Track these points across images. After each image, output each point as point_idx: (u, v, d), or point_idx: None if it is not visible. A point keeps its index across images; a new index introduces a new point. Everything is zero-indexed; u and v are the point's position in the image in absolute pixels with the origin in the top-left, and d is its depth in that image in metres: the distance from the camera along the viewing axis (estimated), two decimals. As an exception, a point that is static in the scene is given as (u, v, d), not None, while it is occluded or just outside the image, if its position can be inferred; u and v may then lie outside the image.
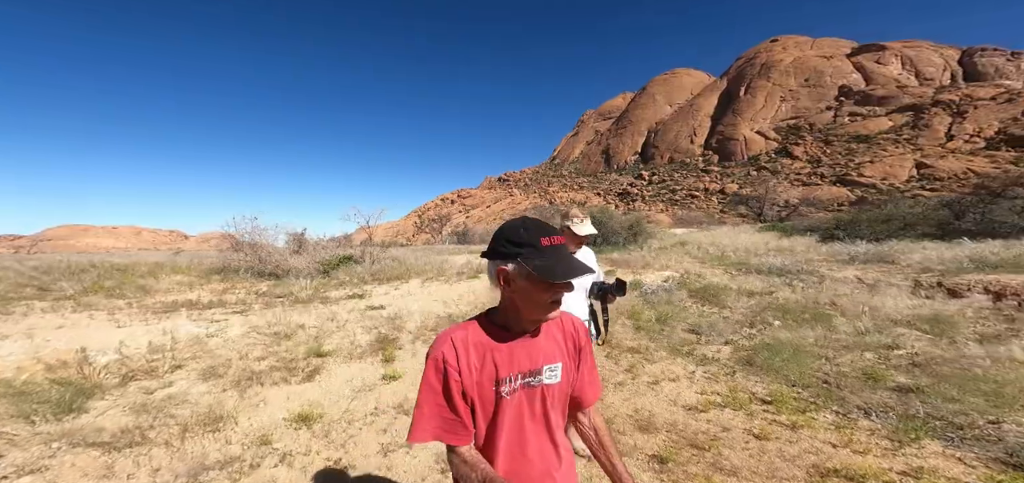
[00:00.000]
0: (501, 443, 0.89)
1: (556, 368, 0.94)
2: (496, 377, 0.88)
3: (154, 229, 53.27)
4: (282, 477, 2.28)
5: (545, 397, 0.93)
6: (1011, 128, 46.88)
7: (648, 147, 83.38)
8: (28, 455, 2.42)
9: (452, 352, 0.87)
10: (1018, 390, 2.78)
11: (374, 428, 2.76)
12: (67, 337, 4.03)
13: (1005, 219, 10.02)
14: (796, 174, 54.87)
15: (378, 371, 3.61)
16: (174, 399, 3.10)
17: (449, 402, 0.86)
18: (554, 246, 0.85)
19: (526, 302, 0.87)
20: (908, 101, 56.91)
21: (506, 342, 0.90)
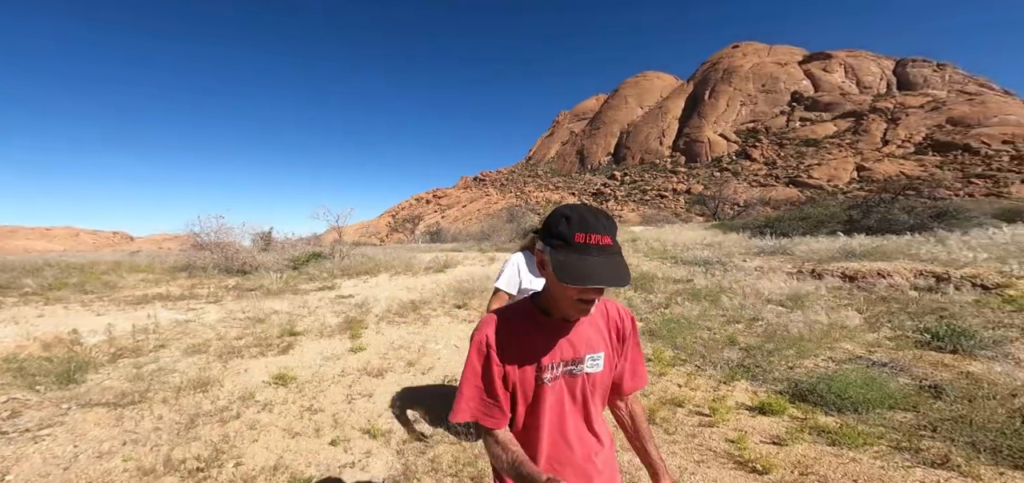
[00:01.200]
0: (543, 429, 0.89)
1: (598, 357, 0.93)
2: (537, 363, 0.88)
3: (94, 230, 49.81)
4: (264, 420, 2.90)
5: (586, 385, 0.92)
6: (936, 134, 51.97)
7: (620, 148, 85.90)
8: (43, 414, 2.91)
9: (495, 336, 0.88)
10: (814, 345, 3.81)
11: (341, 385, 3.41)
12: (51, 323, 4.40)
13: (897, 218, 11.72)
14: (754, 175, 58.33)
15: (346, 345, 4.24)
16: (164, 370, 3.62)
17: (489, 385, 0.87)
18: (588, 244, 0.79)
19: (556, 293, 0.86)
20: (850, 107, 61.80)
21: (548, 329, 0.90)
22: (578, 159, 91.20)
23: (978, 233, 9.29)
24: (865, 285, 5.77)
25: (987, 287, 5.07)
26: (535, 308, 0.92)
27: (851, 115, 60.78)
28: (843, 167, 52.84)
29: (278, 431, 2.73)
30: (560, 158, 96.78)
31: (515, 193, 76.12)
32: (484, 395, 0.87)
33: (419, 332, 4.68)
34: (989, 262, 5.84)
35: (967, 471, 2.07)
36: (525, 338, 0.89)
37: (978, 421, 2.46)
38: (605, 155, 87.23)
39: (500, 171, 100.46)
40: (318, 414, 2.97)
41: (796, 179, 53.16)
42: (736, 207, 39.46)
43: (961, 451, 2.23)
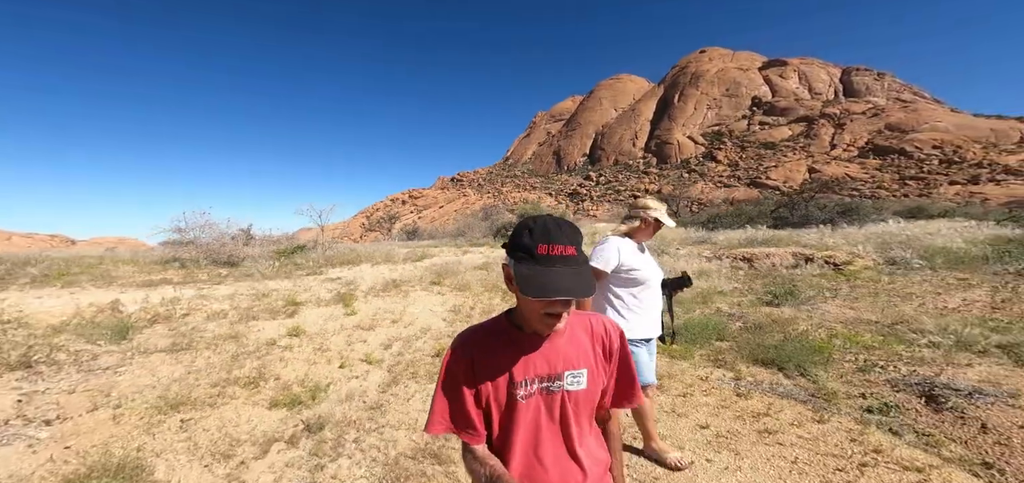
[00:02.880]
0: (516, 447, 0.87)
1: (580, 374, 0.90)
2: (510, 379, 0.86)
3: (28, 233, 46.99)
4: (287, 356, 3.98)
5: (565, 404, 0.89)
6: (876, 139, 56.83)
7: (596, 149, 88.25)
8: (114, 359, 3.87)
9: (468, 352, 0.87)
10: (698, 303, 5.24)
11: (341, 335, 4.52)
12: (87, 298, 5.24)
13: (813, 213, 13.75)
14: (719, 176, 61.71)
15: (341, 311, 5.33)
16: (197, 330, 4.60)
17: (461, 401, 0.86)
18: (551, 255, 0.78)
19: (523, 307, 0.85)
20: (803, 113, 66.43)
21: (522, 344, 0.88)
22: (555, 160, 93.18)
23: (870, 227, 11.26)
24: (755, 264, 7.35)
25: (836, 264, 6.71)
26: (509, 324, 0.91)
27: (804, 120, 65.37)
28: (797, 169, 56.69)
29: (300, 362, 3.83)
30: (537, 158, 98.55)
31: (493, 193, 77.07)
32: (458, 410, 0.86)
33: (400, 302, 5.82)
34: (848, 246, 7.55)
35: (732, 366, 3.46)
36: (498, 354, 0.87)
37: (761, 343, 3.88)
38: (581, 156, 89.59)
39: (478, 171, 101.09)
40: (327, 351, 4.09)
41: (756, 180, 56.58)
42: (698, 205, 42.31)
43: (739, 358, 3.63)
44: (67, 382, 3.32)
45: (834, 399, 2.85)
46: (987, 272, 5.66)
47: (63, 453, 2.43)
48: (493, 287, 6.80)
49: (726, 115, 75.58)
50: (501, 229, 16.12)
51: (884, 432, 2.43)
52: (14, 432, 2.64)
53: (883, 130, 59.79)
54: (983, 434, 2.31)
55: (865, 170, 53.10)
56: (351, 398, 3.10)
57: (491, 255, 10.84)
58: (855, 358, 3.42)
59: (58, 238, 56.19)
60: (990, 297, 4.74)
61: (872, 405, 2.72)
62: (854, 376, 3.16)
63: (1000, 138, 52.19)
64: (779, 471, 2.16)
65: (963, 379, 2.81)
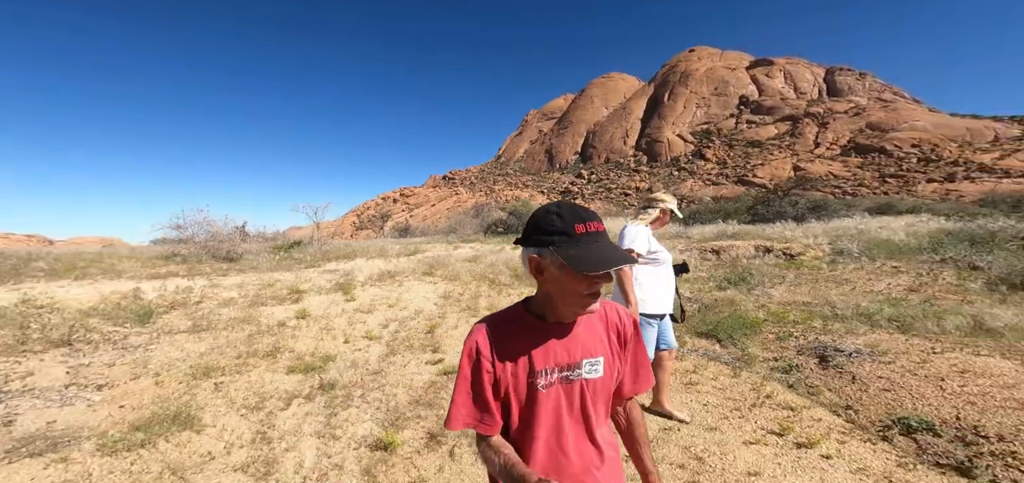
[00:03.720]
0: (538, 437, 0.87)
1: (597, 362, 0.91)
2: (531, 369, 0.87)
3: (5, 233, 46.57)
4: (298, 334, 4.53)
5: (584, 392, 0.89)
6: (858, 138, 58.40)
7: (587, 147, 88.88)
8: (142, 338, 4.39)
9: (486, 343, 0.88)
10: None
11: (343, 317, 5.08)
12: (109, 287, 5.71)
13: (785, 209, 14.57)
14: (708, 174, 62.78)
15: (341, 298, 5.88)
16: (212, 314, 5.12)
17: (480, 393, 0.87)
18: (590, 233, 0.80)
19: (561, 293, 0.84)
20: (788, 112, 67.90)
21: (542, 333, 0.89)
22: (547, 158, 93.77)
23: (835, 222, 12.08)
24: (722, 255, 8.06)
25: (790, 255, 7.44)
26: (527, 313, 0.91)
27: (789, 119, 66.83)
28: (782, 167, 57.92)
29: (309, 338, 4.40)
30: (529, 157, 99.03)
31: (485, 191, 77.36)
32: (476, 402, 0.86)
33: (395, 290, 6.39)
34: (805, 239, 8.30)
35: (680, 338, 4.11)
36: (517, 343, 0.88)
37: (705, 319, 4.54)
38: (573, 154, 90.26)
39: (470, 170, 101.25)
40: (332, 330, 4.66)
41: (743, 178, 57.66)
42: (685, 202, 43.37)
43: (686, 332, 4.28)
44: (106, 357, 3.84)
45: (752, 361, 3.52)
46: (917, 261, 6.41)
47: (119, 410, 2.97)
48: (481, 276, 7.40)
49: (715, 114, 76.79)
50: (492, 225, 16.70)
51: (780, 384, 3.10)
52: (73, 395, 3.17)
53: (864, 129, 61.29)
54: (851, 384, 2.99)
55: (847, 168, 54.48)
56: (356, 366, 3.68)
57: (480, 249, 11.42)
58: (778, 330, 4.10)
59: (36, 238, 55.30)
60: (911, 281, 5.48)
61: (779, 365, 3.39)
62: (773, 344, 3.84)
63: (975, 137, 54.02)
64: (692, 409, 2.80)
65: (851, 344, 3.49)
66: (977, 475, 1.99)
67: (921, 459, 2.19)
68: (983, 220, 8.68)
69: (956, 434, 2.30)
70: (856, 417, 2.64)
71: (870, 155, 54.66)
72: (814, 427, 2.50)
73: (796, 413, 2.67)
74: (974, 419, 2.37)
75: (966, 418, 2.39)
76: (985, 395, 2.55)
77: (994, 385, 2.63)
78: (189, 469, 2.27)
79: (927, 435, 2.33)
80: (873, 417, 2.60)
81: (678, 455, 2.31)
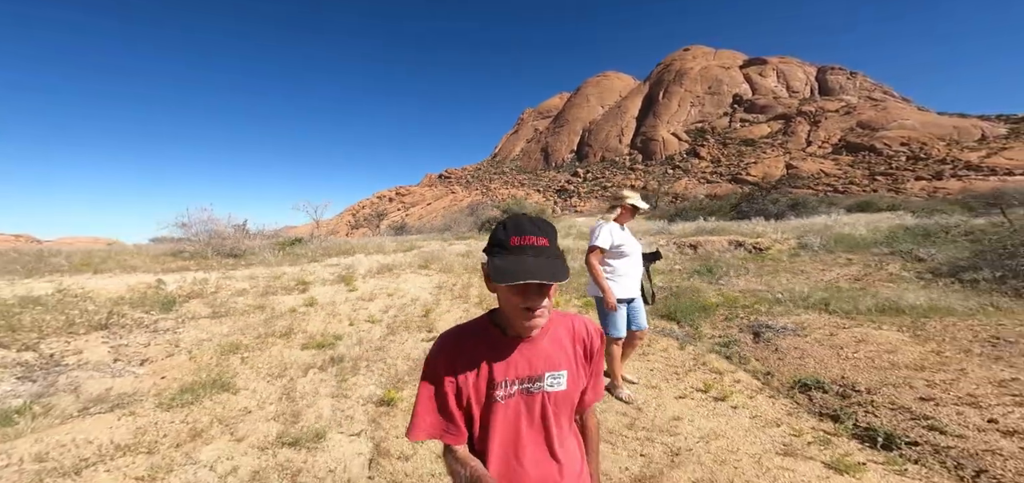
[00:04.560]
0: (494, 448, 0.89)
1: (561, 376, 0.92)
2: (490, 380, 0.88)
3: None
4: (308, 317, 5.09)
5: (545, 405, 0.90)
6: (849, 137, 59.24)
7: (583, 145, 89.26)
8: (169, 323, 4.94)
9: (448, 354, 0.89)
10: None
11: (347, 304, 5.66)
12: (134, 279, 6.24)
13: (767, 207, 15.26)
14: (702, 172, 63.41)
15: (344, 288, 6.45)
16: (228, 302, 5.67)
17: (443, 403, 0.87)
18: (523, 246, 0.81)
19: (503, 305, 0.87)
20: (781, 110, 68.67)
21: (504, 345, 0.90)
22: (543, 156, 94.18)
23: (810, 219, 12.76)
24: (699, 249, 8.69)
25: (759, 248, 8.08)
26: (491, 325, 0.92)
27: (782, 117, 67.60)
28: (775, 165, 58.59)
29: (318, 321, 4.97)
30: (525, 155, 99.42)
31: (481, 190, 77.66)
32: (440, 412, 0.88)
33: (393, 281, 6.96)
34: (775, 234, 8.95)
35: (650, 320, 4.71)
36: (479, 354, 0.89)
37: (677, 305, 5.14)
38: (569, 152, 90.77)
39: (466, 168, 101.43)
40: (338, 315, 5.23)
41: (737, 176, 58.27)
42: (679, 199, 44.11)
43: (652, 315, 4.89)
44: (141, 338, 4.40)
45: (700, 337, 4.14)
46: (870, 253, 7.06)
47: (163, 381, 3.53)
48: (473, 269, 7.99)
49: (709, 112, 77.40)
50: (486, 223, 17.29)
51: (717, 355, 3.71)
52: (121, 368, 3.73)
53: (855, 127, 61.98)
54: (774, 353, 3.61)
55: (839, 166, 55.22)
56: (361, 343, 4.26)
57: (474, 245, 12.01)
58: (728, 313, 4.72)
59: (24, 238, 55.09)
60: (858, 271, 6.12)
61: (721, 340, 4.00)
62: (721, 324, 4.46)
63: (962, 135, 54.99)
64: (640, 372, 3.41)
65: (782, 322, 4.12)
66: (844, 420, 2.60)
67: (808, 409, 2.80)
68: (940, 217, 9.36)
69: (838, 390, 2.91)
70: (770, 380, 3.25)
71: (860, 153, 55.50)
72: (733, 386, 3.11)
73: (722, 376, 3.29)
74: (855, 378, 2.99)
75: (849, 377, 3.01)
76: (869, 359, 3.17)
77: (879, 351, 3.25)
78: (233, 419, 2.85)
79: (818, 391, 2.94)
80: (783, 379, 3.22)
81: (622, 406, 2.91)
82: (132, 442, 2.53)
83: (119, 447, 2.47)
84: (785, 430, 2.53)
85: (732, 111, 74.97)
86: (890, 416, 2.53)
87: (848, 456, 2.21)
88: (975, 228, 6.85)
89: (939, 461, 2.13)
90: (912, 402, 2.59)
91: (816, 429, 2.54)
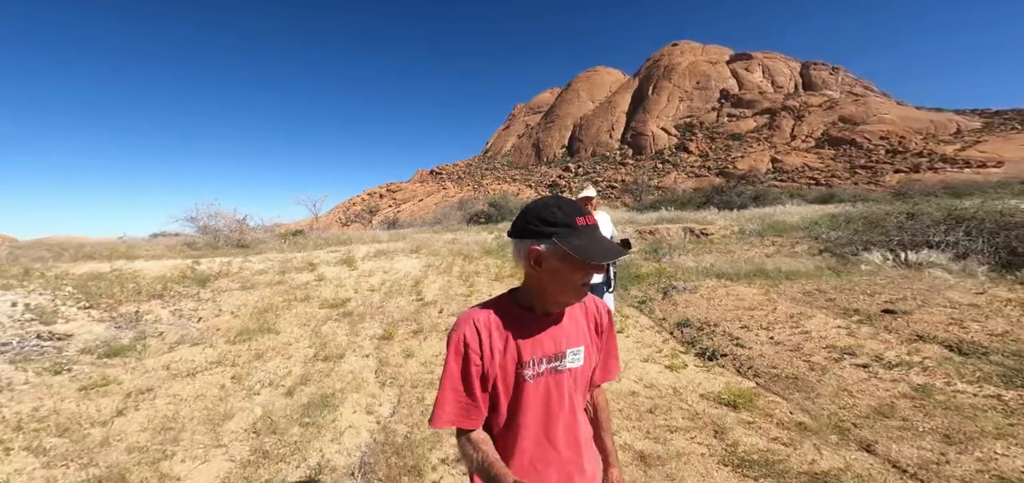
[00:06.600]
0: (527, 428, 0.89)
1: (579, 352, 0.94)
2: (519, 360, 0.88)
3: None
4: (320, 288, 6.30)
5: (570, 382, 0.93)
6: (831, 131, 60.91)
7: (574, 141, 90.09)
8: (208, 294, 6.12)
9: (474, 335, 0.88)
10: None
11: (351, 279, 6.88)
12: (168, 263, 7.40)
13: (733, 199, 16.67)
14: (690, 166, 64.75)
15: (347, 268, 7.66)
16: (252, 279, 6.85)
17: (467, 386, 0.87)
18: (589, 226, 0.84)
19: (556, 284, 0.86)
20: (766, 105, 70.18)
21: (529, 324, 0.91)
22: (534, 152, 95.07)
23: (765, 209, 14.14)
24: (656, 234, 10.03)
25: (706, 234, 9.43)
26: (514, 304, 0.93)
27: (767, 112, 69.14)
28: (761, 159, 60.05)
29: (329, 290, 6.19)
30: (516, 151, 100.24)
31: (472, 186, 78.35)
32: (463, 397, 0.87)
33: (388, 262, 8.19)
34: (723, 223, 10.30)
35: None
36: (505, 334, 0.89)
37: (633, 284, 6.43)
38: (560, 148, 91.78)
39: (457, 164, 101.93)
40: (344, 286, 6.46)
41: (724, 170, 59.54)
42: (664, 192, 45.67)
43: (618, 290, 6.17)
44: (190, 304, 5.59)
45: (626, 297, 5.43)
46: (790, 236, 8.42)
47: (218, 332, 4.74)
48: (457, 252, 9.24)
49: (697, 107, 78.62)
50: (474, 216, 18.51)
51: (633, 307, 5.01)
52: (184, 324, 4.93)
53: (837, 122, 63.50)
54: (671, 305, 4.91)
55: (821, 160, 56.81)
56: (365, 303, 5.51)
57: (461, 235, 13.25)
58: (655, 281, 6.03)
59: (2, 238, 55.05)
60: (772, 250, 7.47)
61: (640, 297, 5.31)
62: (647, 288, 5.77)
63: (938, 129, 56.98)
64: (572, 317, 4.70)
65: (685, 285, 5.43)
66: (695, 344, 3.90)
67: (676, 338, 4.10)
68: (874, 205, 10.77)
69: (699, 325, 4.22)
70: (663, 322, 4.56)
71: (842, 147, 57.20)
72: (635, 325, 4.41)
73: (629, 319, 4.58)
74: (711, 317, 4.31)
75: (709, 317, 4.32)
76: (726, 306, 4.49)
77: (736, 302, 4.57)
78: (281, 348, 4.09)
79: (687, 328, 4.24)
80: (671, 321, 4.52)
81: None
82: (219, 360, 3.76)
83: (212, 362, 3.70)
84: (652, 349, 3.83)
85: (720, 106, 76.38)
86: (719, 339, 3.84)
87: (677, 360, 3.51)
88: (874, 214, 8.22)
89: (731, 362, 3.43)
90: (735, 330, 3.90)
91: (674, 349, 3.84)
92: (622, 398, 2.95)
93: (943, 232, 5.33)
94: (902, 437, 2.25)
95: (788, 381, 2.96)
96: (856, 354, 3.14)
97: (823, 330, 3.59)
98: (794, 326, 3.76)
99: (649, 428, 2.58)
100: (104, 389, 3.15)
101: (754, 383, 3.04)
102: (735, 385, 2.99)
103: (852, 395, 2.69)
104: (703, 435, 2.47)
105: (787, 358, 3.24)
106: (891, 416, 2.44)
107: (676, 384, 3.12)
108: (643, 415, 2.73)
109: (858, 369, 2.95)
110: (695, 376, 3.24)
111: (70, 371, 3.46)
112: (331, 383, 3.34)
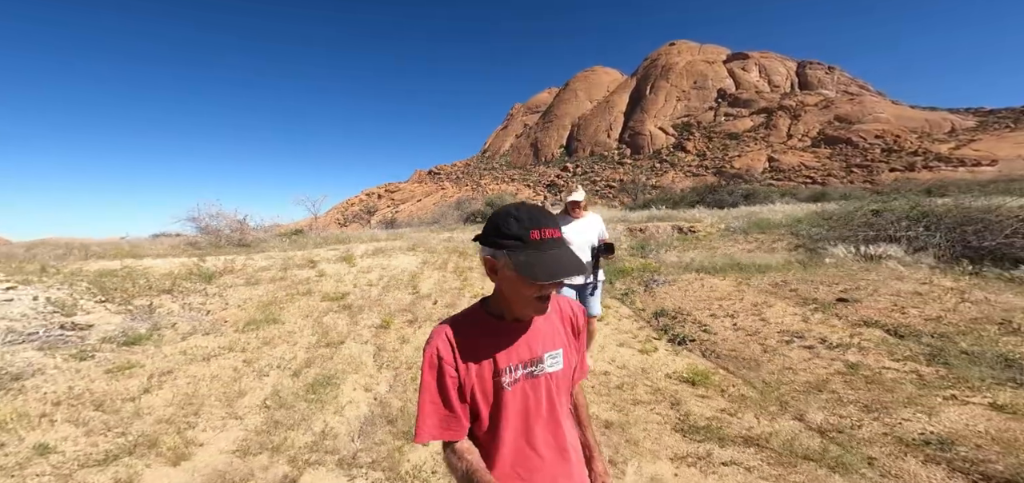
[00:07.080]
0: (507, 436, 0.89)
1: (557, 355, 0.94)
2: (495, 368, 0.88)
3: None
4: (321, 283, 6.64)
5: (549, 386, 0.92)
6: (827, 130, 61.33)
7: (572, 140, 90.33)
8: (214, 289, 6.46)
9: (447, 348, 0.88)
10: None
11: (350, 275, 7.22)
12: (176, 261, 7.73)
13: (724, 197, 17.04)
14: (688, 166, 65.08)
15: (346, 265, 8.00)
16: (255, 275, 7.19)
17: (445, 399, 0.87)
18: (545, 240, 0.82)
19: (513, 295, 0.86)
20: (763, 105, 70.57)
21: (503, 331, 0.91)
22: (532, 151, 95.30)
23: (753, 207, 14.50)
24: (645, 232, 10.39)
25: (693, 231, 9.79)
26: (485, 313, 0.93)
27: (764, 111, 69.52)
28: (758, 158, 60.42)
29: (330, 285, 6.53)
30: (515, 151, 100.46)
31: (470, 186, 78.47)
32: (442, 409, 0.87)
33: (386, 259, 8.53)
34: (711, 220, 10.66)
35: None
36: (479, 344, 0.89)
37: (618, 278, 6.78)
38: (558, 147, 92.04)
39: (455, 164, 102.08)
40: (344, 281, 6.80)
41: (721, 169, 59.86)
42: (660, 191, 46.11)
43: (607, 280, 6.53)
44: (198, 299, 5.92)
45: (611, 290, 5.78)
46: (772, 233, 8.78)
47: (227, 323, 5.07)
48: (452, 250, 9.58)
49: (694, 106, 78.92)
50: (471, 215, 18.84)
51: (616, 299, 5.36)
52: (193, 316, 5.26)
53: (833, 121, 63.86)
54: (651, 297, 5.27)
55: (818, 159, 57.18)
56: (364, 296, 5.85)
57: (457, 234, 13.60)
58: (639, 275, 6.38)
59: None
60: (753, 246, 7.83)
61: (624, 290, 5.66)
62: (631, 282, 6.12)
63: (933, 128, 57.45)
64: (556, 309, 5.06)
65: (664, 278, 5.79)
66: (668, 331, 4.25)
67: (652, 326, 4.46)
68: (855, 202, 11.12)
69: (673, 314, 4.58)
70: (643, 311, 4.91)
71: (838, 146, 57.62)
72: (616, 315, 4.76)
73: (610, 310, 4.94)
74: (685, 307, 4.66)
75: (683, 307, 4.68)
76: (700, 297, 4.84)
77: (710, 292, 4.93)
78: (286, 336, 4.43)
79: (663, 316, 4.60)
80: (649, 311, 4.87)
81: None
82: (230, 346, 4.10)
83: (223, 348, 4.04)
84: (627, 335, 4.18)
85: (717, 105, 76.74)
86: (690, 326, 4.19)
87: (649, 344, 3.87)
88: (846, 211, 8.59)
89: (697, 346, 3.79)
90: (704, 318, 4.26)
91: (648, 336, 4.19)
92: (595, 377, 3.30)
93: (904, 227, 5.68)
94: (828, 406, 2.61)
95: (743, 361, 3.31)
96: (805, 337, 3.49)
97: (781, 317, 3.95)
98: (756, 314, 4.12)
99: (616, 401, 2.93)
100: (129, 371, 3.49)
101: (714, 364, 3.39)
102: (696, 366, 3.34)
103: (795, 372, 3.04)
104: (661, 407, 2.82)
105: (745, 342, 3.59)
106: (823, 390, 2.79)
107: (645, 365, 3.48)
108: (611, 390, 3.09)
109: (804, 350, 3.31)
110: (664, 358, 3.60)
111: (94, 357, 3.80)
112: (333, 366, 3.69)
